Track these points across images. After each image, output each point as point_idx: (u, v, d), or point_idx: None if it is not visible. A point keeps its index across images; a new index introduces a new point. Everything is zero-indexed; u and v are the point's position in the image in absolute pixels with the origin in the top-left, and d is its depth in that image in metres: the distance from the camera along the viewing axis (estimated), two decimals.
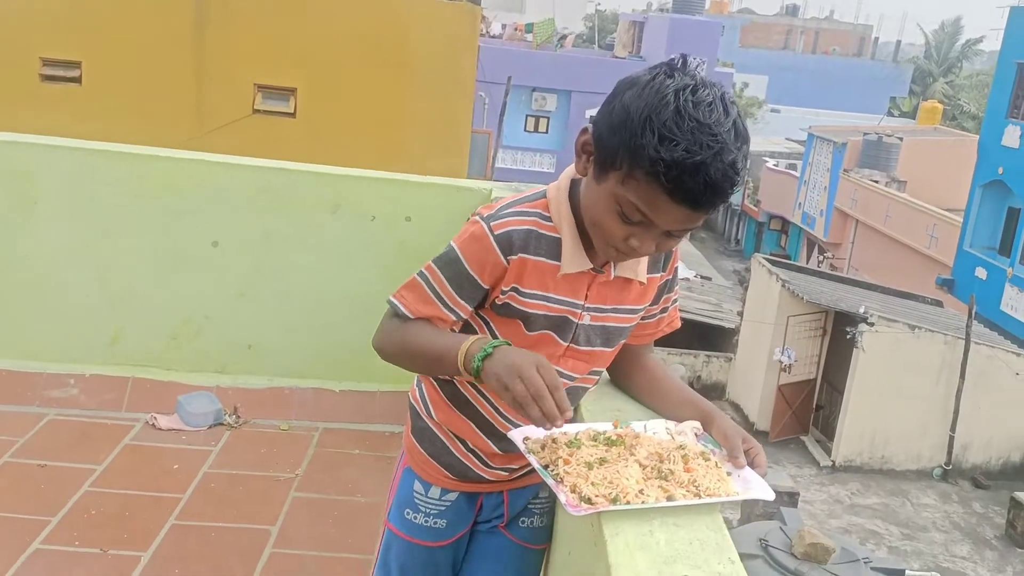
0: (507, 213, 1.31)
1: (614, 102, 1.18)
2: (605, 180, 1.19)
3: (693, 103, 1.11)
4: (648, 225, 1.19)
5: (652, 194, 1.14)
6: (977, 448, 13.64)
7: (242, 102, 9.57)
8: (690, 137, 1.10)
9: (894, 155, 22.94)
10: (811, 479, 13.24)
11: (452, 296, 1.32)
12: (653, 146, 1.10)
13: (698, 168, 1.10)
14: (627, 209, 1.18)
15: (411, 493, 1.54)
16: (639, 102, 1.13)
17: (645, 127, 1.11)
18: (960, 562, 11.35)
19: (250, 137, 9.30)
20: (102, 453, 2.96)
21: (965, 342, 13.08)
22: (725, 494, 1.17)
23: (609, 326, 1.38)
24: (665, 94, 1.12)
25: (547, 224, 1.31)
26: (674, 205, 1.14)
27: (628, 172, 1.15)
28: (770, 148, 31.87)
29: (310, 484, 2.92)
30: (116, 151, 3.01)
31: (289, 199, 3.08)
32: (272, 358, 3.27)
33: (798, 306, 14.03)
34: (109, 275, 3.16)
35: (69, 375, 3.21)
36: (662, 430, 1.32)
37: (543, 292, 1.32)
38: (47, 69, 9.42)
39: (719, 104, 1.13)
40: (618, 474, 1.16)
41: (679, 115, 1.10)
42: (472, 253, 1.30)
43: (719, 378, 15.90)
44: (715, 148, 1.10)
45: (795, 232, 26.75)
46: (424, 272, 1.35)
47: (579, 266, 1.31)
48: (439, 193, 3.14)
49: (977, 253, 18.50)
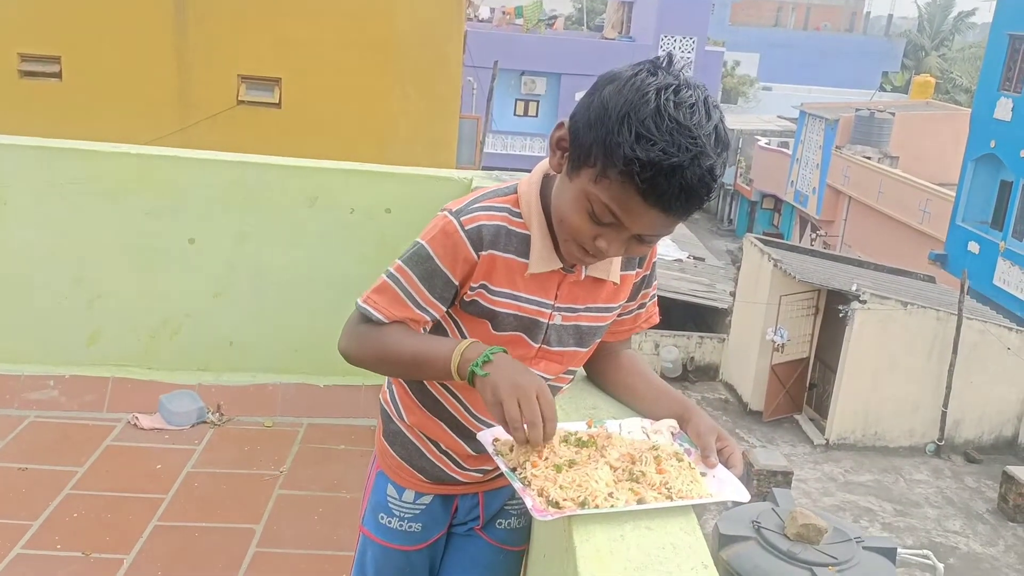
0: (476, 208, 1.26)
1: (593, 97, 1.14)
2: (577, 177, 1.15)
3: (674, 103, 1.07)
4: (618, 227, 1.15)
5: (625, 195, 1.10)
6: (969, 423, 13.71)
7: (226, 93, 9.47)
8: (668, 138, 1.06)
9: (886, 131, 22.90)
10: (805, 457, 13.30)
11: (424, 295, 1.27)
12: (629, 144, 1.07)
13: (674, 170, 1.06)
14: (598, 209, 1.14)
15: (385, 498, 1.52)
16: (618, 98, 1.10)
17: (622, 124, 1.08)
18: (953, 537, 11.44)
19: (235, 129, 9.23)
20: (83, 455, 2.92)
21: (958, 318, 13.12)
22: (697, 496, 1.14)
23: (582, 326, 1.34)
24: (646, 92, 1.08)
25: (517, 220, 1.27)
26: (647, 208, 1.10)
27: (602, 170, 1.11)
28: (762, 126, 31.81)
29: (295, 481, 2.89)
30: (82, 149, 2.95)
31: (265, 193, 3.03)
32: (254, 354, 3.23)
33: (790, 285, 14.05)
34: (84, 275, 3.11)
35: (48, 377, 3.17)
36: (637, 429, 1.29)
37: (512, 291, 1.28)
38: (26, 65, 9.30)
39: (701, 106, 1.09)
40: (587, 477, 1.13)
41: (658, 114, 1.07)
42: (442, 249, 1.25)
43: (712, 359, 15.93)
44: (693, 151, 1.07)
45: (788, 210, 26.74)
46: (393, 273, 1.29)
47: (548, 265, 1.27)
48: (419, 184, 3.10)
49: (970, 227, 18.52)
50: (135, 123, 8.82)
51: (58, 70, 9.36)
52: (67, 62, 9.28)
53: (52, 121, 8.57)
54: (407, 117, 9.34)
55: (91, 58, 9.05)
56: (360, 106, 9.15)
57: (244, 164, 3.04)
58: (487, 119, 15.99)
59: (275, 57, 9.30)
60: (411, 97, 9.39)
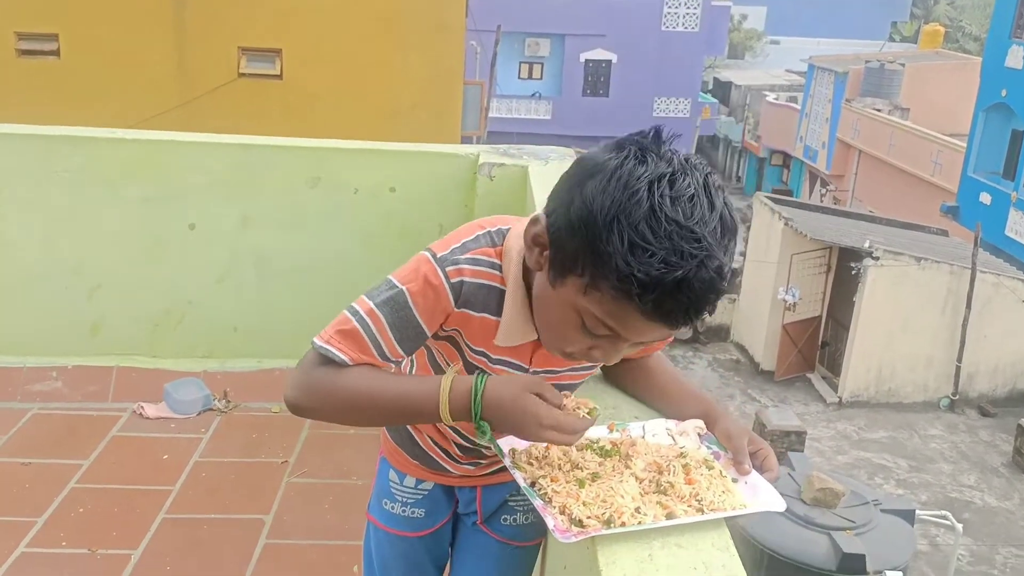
0: (463, 260, 1.11)
1: (573, 194, 0.97)
2: (563, 285, 1.00)
3: (671, 199, 0.91)
4: (616, 338, 1.01)
5: (621, 311, 0.96)
6: (983, 376, 13.64)
7: (226, 66, 9.33)
8: (668, 245, 0.91)
9: (896, 82, 22.48)
10: (818, 416, 13.27)
11: (392, 345, 1.12)
12: (622, 256, 0.91)
13: (679, 285, 0.92)
14: (590, 322, 0.99)
15: (387, 483, 1.47)
16: (603, 198, 0.93)
17: (612, 230, 0.92)
18: (968, 491, 11.43)
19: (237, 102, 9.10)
20: (88, 447, 2.87)
21: (971, 272, 12.96)
22: (731, 508, 1.06)
23: (565, 383, 1.22)
24: (636, 188, 0.92)
25: (498, 275, 1.12)
26: (648, 322, 0.96)
27: (592, 282, 0.96)
28: (770, 81, 31.30)
29: (304, 468, 2.84)
30: (77, 136, 2.86)
31: (265, 175, 2.92)
32: (259, 340, 3.16)
33: (801, 243, 13.89)
34: (84, 264, 3.03)
35: (51, 368, 3.11)
36: (663, 432, 1.21)
37: (484, 350, 1.17)
38: (23, 43, 9.18)
39: (702, 196, 0.93)
40: (612, 491, 1.04)
41: (654, 216, 0.91)
42: (423, 300, 1.10)
43: (723, 320, 15.84)
44: (699, 256, 0.91)
45: (797, 166, 26.41)
46: (363, 316, 1.11)
47: (521, 339, 1.14)
48: (424, 161, 2.99)
49: (981, 178, 18.24)
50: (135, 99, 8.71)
51: (56, 48, 9.23)
52: (65, 39, 9.14)
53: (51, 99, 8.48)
54: (410, 85, 9.18)
55: (89, 35, 8.90)
56: (362, 75, 8.99)
57: (243, 146, 2.93)
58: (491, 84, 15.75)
59: (275, 28, 9.13)
60: (413, 64, 9.21)
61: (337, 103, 8.83)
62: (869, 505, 5.44)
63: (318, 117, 8.51)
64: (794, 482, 5.56)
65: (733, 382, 14.43)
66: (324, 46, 9.14)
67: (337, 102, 8.85)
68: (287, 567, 2.41)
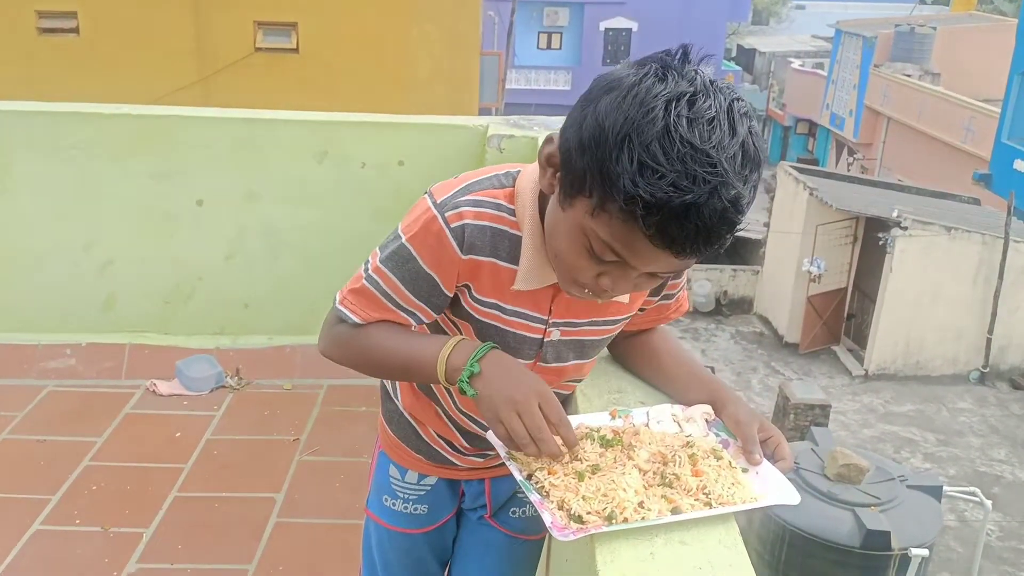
0: (463, 201, 1.05)
1: (587, 110, 0.92)
2: (571, 208, 0.95)
3: (688, 119, 0.85)
4: (624, 266, 0.95)
5: (628, 234, 0.90)
6: (1016, 348, 13.38)
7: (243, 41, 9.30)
8: (680, 167, 0.84)
9: (928, 46, 21.88)
10: (843, 389, 13.12)
11: (409, 299, 1.10)
12: (630, 175, 0.85)
13: (687, 210, 0.85)
14: (597, 247, 0.94)
15: (388, 479, 1.41)
16: (617, 115, 0.87)
17: (622, 149, 0.86)
18: (998, 465, 11.26)
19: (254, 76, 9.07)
20: (102, 424, 2.87)
21: (1004, 241, 12.66)
22: (740, 501, 0.99)
23: (585, 340, 1.17)
24: (652, 106, 0.86)
25: (509, 219, 1.06)
26: (655, 250, 0.90)
27: (599, 203, 0.90)
28: (795, 47, 30.66)
29: (315, 446, 2.82)
30: (83, 112, 2.82)
31: (272, 150, 2.87)
32: (271, 316, 3.13)
33: (827, 214, 13.64)
34: (94, 241, 3.01)
35: (65, 345, 3.11)
36: (668, 418, 1.14)
37: (497, 301, 1.10)
38: (44, 22, 9.21)
39: (724, 119, 0.86)
40: (614, 485, 0.98)
41: (667, 136, 0.84)
42: (426, 249, 1.06)
43: (746, 292, 15.67)
44: (712, 182, 0.85)
45: (823, 134, 25.90)
46: (372, 275, 1.10)
47: (539, 282, 1.08)
48: (433, 133, 2.92)
49: (1016, 145, 17.73)
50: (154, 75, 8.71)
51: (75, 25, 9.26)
52: (83, 16, 9.16)
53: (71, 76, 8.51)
54: (427, 56, 9.07)
55: (107, 11, 8.91)
56: (378, 47, 8.90)
57: (249, 121, 2.88)
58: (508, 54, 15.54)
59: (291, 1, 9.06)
60: (430, 36, 9.10)
61: (354, 76, 8.77)
62: (895, 481, 5.35)
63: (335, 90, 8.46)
64: (817, 457, 5.47)
65: (756, 355, 14.30)
66: (340, 19, 9.07)
67: (354, 75, 8.79)
68: (298, 545, 2.39)
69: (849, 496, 5.17)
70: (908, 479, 5.40)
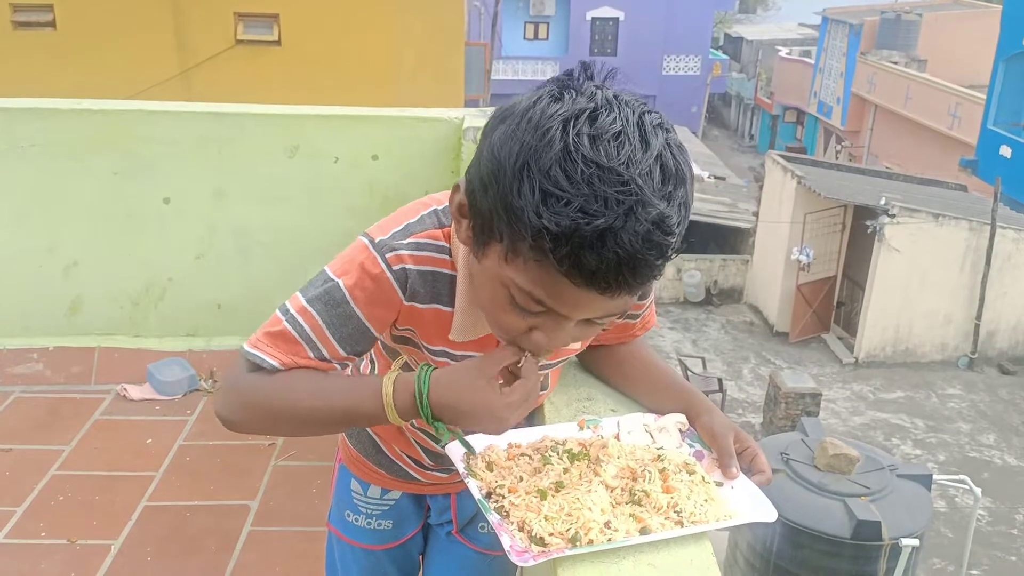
0: (403, 245, 0.97)
1: (482, 145, 0.84)
2: (486, 256, 0.86)
3: (590, 137, 0.75)
4: (553, 315, 0.85)
5: (545, 277, 0.80)
6: (1003, 334, 13.41)
7: (223, 33, 9.16)
8: (587, 191, 0.74)
9: (914, 33, 21.88)
10: (833, 377, 13.12)
11: (331, 346, 0.98)
12: (533, 208, 0.76)
13: (602, 238, 0.75)
14: (519, 297, 0.84)
15: (349, 494, 1.34)
16: (512, 144, 0.78)
17: (522, 180, 0.76)
18: (987, 451, 11.28)
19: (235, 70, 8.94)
20: (70, 431, 2.78)
21: (991, 227, 12.67)
22: (714, 519, 0.92)
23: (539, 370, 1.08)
24: (548, 127, 0.76)
25: (449, 260, 0.98)
26: (578, 290, 0.80)
27: (510, 246, 0.81)
28: (782, 36, 30.62)
29: (292, 450, 2.74)
30: (41, 108, 2.72)
31: (240, 145, 2.78)
32: (244, 316, 3.04)
33: (815, 202, 13.62)
34: (59, 242, 2.92)
35: (31, 350, 3.02)
36: (639, 428, 1.07)
37: (443, 348, 1.03)
38: (18, 15, 9.04)
39: (633, 133, 0.77)
40: (579, 503, 0.91)
41: (568, 158, 0.75)
42: (363, 291, 0.96)
43: (736, 281, 15.64)
44: (626, 203, 0.75)
45: (811, 122, 25.89)
46: (295, 316, 0.98)
47: (476, 333, 1.00)
48: (407, 127, 2.83)
49: (1001, 131, 17.76)
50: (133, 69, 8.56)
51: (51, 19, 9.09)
52: (60, 10, 8.99)
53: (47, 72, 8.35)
54: (411, 48, 8.96)
55: (84, 4, 8.74)
56: (362, 39, 8.78)
57: (216, 115, 2.79)
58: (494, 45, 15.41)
59: None
60: (414, 27, 8.99)
61: (337, 68, 8.66)
62: (885, 470, 5.30)
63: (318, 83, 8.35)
64: (807, 448, 5.43)
65: (747, 344, 14.28)
66: (323, 10, 8.94)
67: (337, 67, 8.67)
68: (272, 555, 2.32)
69: (839, 487, 5.13)
70: (898, 468, 5.37)
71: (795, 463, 5.32)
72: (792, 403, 10.96)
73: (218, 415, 1.01)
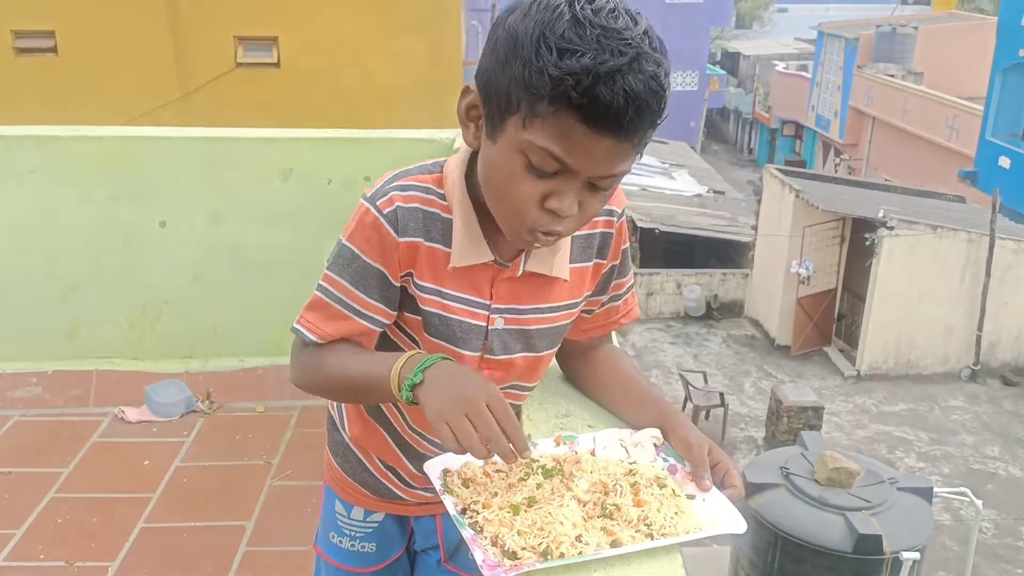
0: (391, 188, 1.08)
1: (496, 35, 0.96)
2: (502, 133, 0.96)
3: (592, 10, 0.90)
4: (566, 174, 0.95)
5: (564, 127, 0.91)
6: (1006, 345, 13.37)
7: (223, 56, 9.27)
8: (596, 45, 0.88)
9: (910, 46, 22.00)
10: (836, 390, 13.08)
11: (361, 300, 1.09)
12: (553, 64, 0.89)
13: (613, 75, 0.88)
14: (537, 159, 0.94)
15: (334, 515, 1.38)
16: (527, 23, 0.91)
17: (539, 46, 0.90)
18: (991, 463, 11.23)
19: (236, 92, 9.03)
20: (69, 454, 2.81)
21: (990, 238, 12.68)
22: (684, 531, 0.95)
23: (530, 330, 1.14)
24: (556, 6, 0.91)
25: (439, 202, 1.07)
26: (592, 135, 0.91)
27: (529, 109, 0.92)
28: (779, 50, 30.80)
29: (288, 470, 2.76)
30: (38, 135, 2.77)
31: (235, 169, 2.83)
32: (241, 338, 3.08)
33: (814, 215, 13.64)
34: (56, 266, 2.96)
35: (31, 374, 3.05)
36: (615, 443, 1.10)
37: (436, 286, 1.09)
38: (20, 41, 9.15)
39: (623, 12, 0.92)
40: (550, 518, 0.93)
41: (578, 23, 0.89)
42: (367, 243, 1.07)
43: (736, 295, 15.64)
44: (629, 54, 0.89)
45: (810, 136, 25.99)
46: (322, 284, 1.11)
47: (475, 257, 1.07)
48: (399, 148, 2.88)
49: (1000, 142, 17.81)
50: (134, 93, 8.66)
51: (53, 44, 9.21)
52: (61, 36, 9.11)
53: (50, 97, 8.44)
54: (409, 68, 9.05)
55: (85, 30, 8.85)
56: (361, 59, 8.88)
57: (209, 139, 2.83)
58: None
59: (271, 15, 9.03)
60: (412, 47, 9.08)
61: (337, 89, 8.74)
62: (885, 484, 5.28)
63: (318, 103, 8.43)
64: (807, 462, 5.42)
65: (748, 358, 14.26)
66: (321, 32, 9.05)
67: (337, 88, 8.76)
68: (267, 574, 2.34)
69: (840, 500, 5.11)
70: (898, 481, 5.35)
71: (795, 477, 5.31)
72: (794, 417, 10.93)
73: (291, 381, 1.18)
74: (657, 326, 15.14)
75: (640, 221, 15.61)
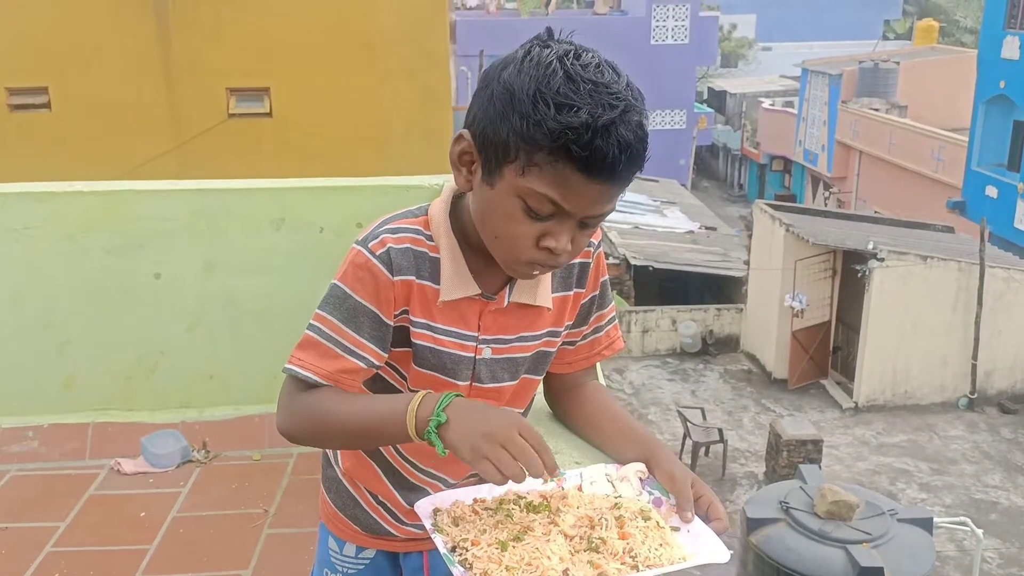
0: (382, 231, 1.14)
1: (491, 89, 1.02)
2: (500, 179, 1.03)
3: (581, 65, 0.98)
4: (561, 216, 1.02)
5: (561, 175, 0.99)
6: (1001, 373, 13.40)
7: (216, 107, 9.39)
8: (590, 100, 0.96)
9: (892, 80, 22.41)
10: (835, 423, 13.06)
11: (353, 338, 1.12)
12: (552, 118, 0.96)
13: (608, 129, 0.96)
14: (534, 203, 1.01)
15: (327, 552, 1.41)
16: (522, 78, 0.99)
17: (536, 101, 0.97)
18: (993, 491, 11.18)
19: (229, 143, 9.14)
20: (66, 508, 2.81)
21: (980, 267, 12.78)
22: (668, 562, 0.97)
23: (516, 358, 1.19)
24: (549, 62, 0.98)
25: (427, 243, 1.14)
26: (587, 181, 0.99)
27: (527, 159, 0.99)
28: (764, 88, 31.29)
29: (285, 517, 2.76)
30: (34, 192, 2.82)
31: (228, 219, 2.87)
32: (236, 386, 3.09)
33: (805, 249, 13.76)
34: (52, 320, 2.98)
35: (27, 427, 3.05)
36: (602, 478, 1.13)
37: (428, 321, 1.15)
38: (14, 98, 9.26)
39: (606, 67, 1.00)
40: (538, 553, 0.96)
41: (571, 80, 0.97)
42: (358, 283, 1.12)
43: (732, 330, 15.68)
44: (619, 107, 0.97)
45: (798, 170, 26.30)
46: (313, 323, 1.15)
47: (463, 291, 1.13)
48: (390, 195, 2.93)
49: (986, 171, 18.08)
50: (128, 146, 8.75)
51: (46, 100, 9.32)
52: (54, 91, 9.22)
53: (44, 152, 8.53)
54: (400, 114, 9.18)
55: (78, 85, 8.97)
56: (351, 107, 9.00)
57: (202, 191, 2.89)
58: None
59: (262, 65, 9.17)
60: (402, 93, 9.23)
61: (328, 137, 8.85)
62: (885, 515, 5.28)
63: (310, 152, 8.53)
64: (806, 496, 5.41)
65: (746, 392, 14.25)
66: (312, 80, 9.18)
67: (328, 136, 8.87)
68: None
69: (840, 533, 5.10)
70: (898, 513, 5.34)
71: (795, 511, 5.30)
72: (794, 451, 10.89)
73: (278, 428, 1.17)
74: (654, 363, 15.14)
75: (633, 259, 15.71)
